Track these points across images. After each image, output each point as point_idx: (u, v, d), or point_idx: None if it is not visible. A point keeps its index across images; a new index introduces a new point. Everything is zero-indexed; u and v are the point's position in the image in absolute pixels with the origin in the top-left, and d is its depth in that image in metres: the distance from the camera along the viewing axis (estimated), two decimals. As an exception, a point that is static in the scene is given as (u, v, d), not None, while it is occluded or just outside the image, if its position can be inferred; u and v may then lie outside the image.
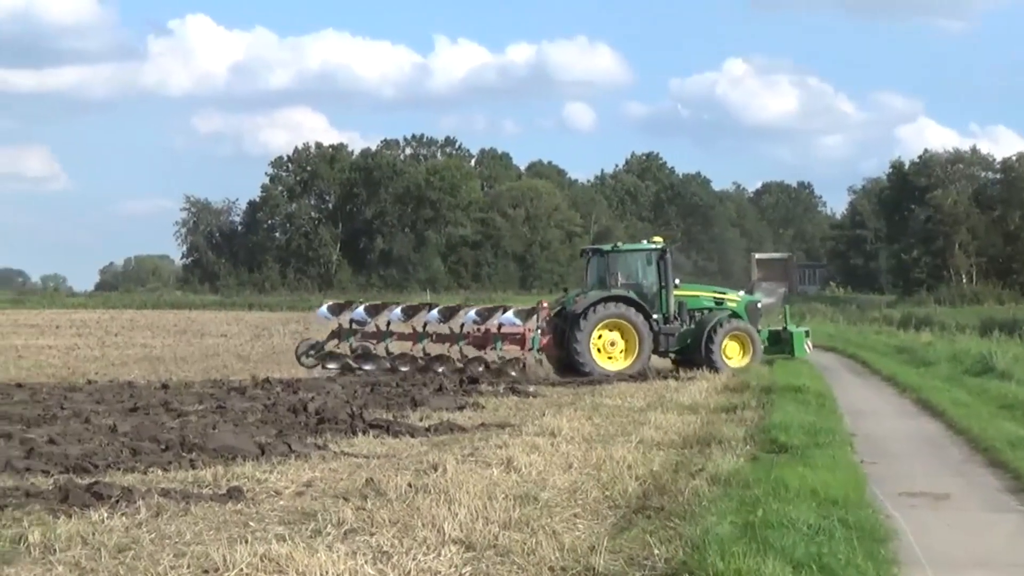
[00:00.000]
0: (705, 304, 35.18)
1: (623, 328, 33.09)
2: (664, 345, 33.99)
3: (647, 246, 35.70)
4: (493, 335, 33.05)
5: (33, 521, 11.66)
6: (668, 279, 34.16)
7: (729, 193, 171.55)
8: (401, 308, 33.95)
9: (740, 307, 35.15)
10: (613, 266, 34.50)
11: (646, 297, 33.90)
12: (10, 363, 36.34)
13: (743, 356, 33.89)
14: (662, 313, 33.91)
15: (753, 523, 11.38)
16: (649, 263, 34.65)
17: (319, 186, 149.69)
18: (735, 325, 34.10)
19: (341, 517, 11.81)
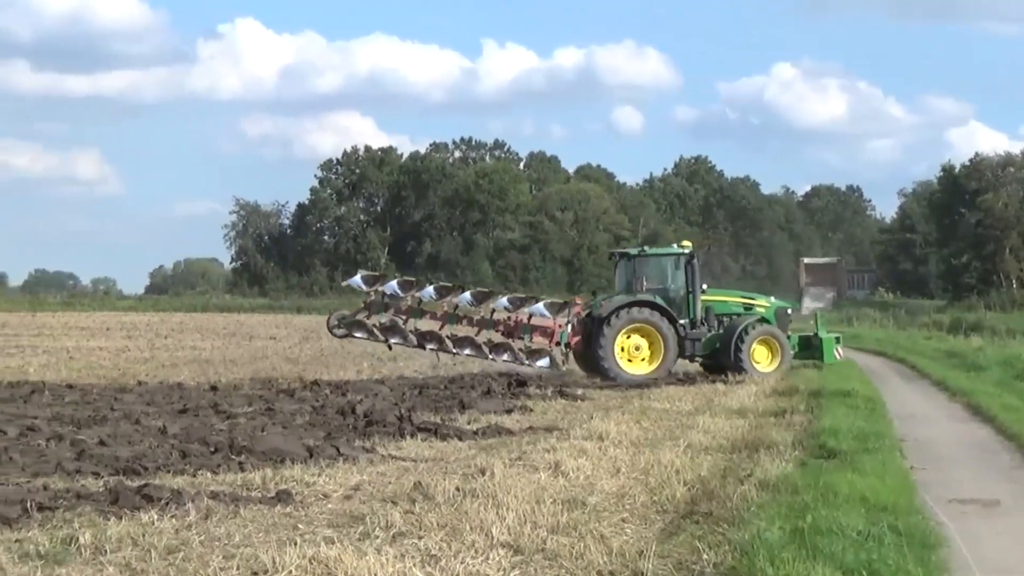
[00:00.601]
0: (734, 309, 35.01)
1: (648, 333, 33.00)
2: (690, 350, 33.88)
3: (674, 250, 35.53)
4: (523, 325, 32.98)
5: (84, 522, 11.73)
6: (695, 284, 34.03)
7: (778, 197, 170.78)
8: (433, 287, 33.71)
9: (769, 312, 34.97)
10: (640, 270, 34.40)
11: (673, 302, 33.77)
12: (61, 364, 36.57)
13: (772, 361, 33.75)
14: (689, 318, 33.75)
15: (802, 529, 11.32)
16: (676, 267, 34.53)
17: (368, 189, 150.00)
18: (764, 330, 33.95)
19: (389, 520, 11.83)
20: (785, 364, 33.72)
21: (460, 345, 32.83)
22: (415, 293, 33.05)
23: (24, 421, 19.81)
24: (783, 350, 33.86)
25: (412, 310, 33.22)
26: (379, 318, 33.16)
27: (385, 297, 33.13)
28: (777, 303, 35.97)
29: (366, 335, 32.98)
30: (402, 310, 33.23)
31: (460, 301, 33.18)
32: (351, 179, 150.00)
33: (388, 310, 33.23)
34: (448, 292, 33.56)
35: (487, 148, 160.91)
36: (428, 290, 33.41)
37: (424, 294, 33.21)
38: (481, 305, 33.02)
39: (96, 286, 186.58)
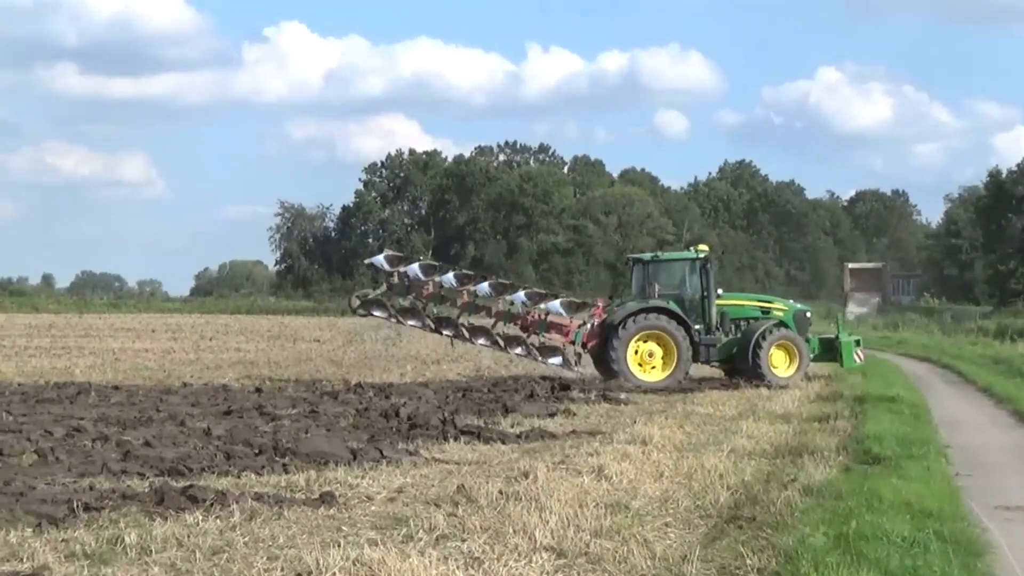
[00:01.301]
0: (751, 313, 34.49)
1: (661, 339, 32.54)
2: (705, 356, 33.46)
3: (689, 255, 35.14)
4: (539, 321, 32.98)
5: (129, 523, 11.79)
6: (710, 288, 33.58)
7: (823, 201, 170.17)
8: (454, 274, 33.52)
9: (788, 316, 34.37)
10: (653, 276, 33.92)
11: (688, 307, 33.38)
12: (107, 366, 36.77)
13: (790, 366, 33.23)
14: (704, 323, 33.35)
15: (847, 534, 11.29)
16: (691, 272, 34.06)
17: (412, 192, 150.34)
18: (781, 334, 33.38)
19: (433, 523, 11.84)
20: (803, 369, 33.30)
21: (475, 334, 32.84)
22: (436, 278, 33.00)
23: (70, 422, 19.93)
24: (801, 355, 33.32)
25: (432, 295, 33.10)
26: (400, 300, 33.14)
27: (407, 280, 33.12)
28: (796, 306, 35.40)
29: (385, 315, 32.95)
30: (423, 295, 33.09)
31: (479, 290, 32.95)
32: (395, 182, 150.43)
33: (410, 293, 33.14)
34: (468, 280, 33.33)
35: (531, 152, 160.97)
36: (448, 276, 33.17)
37: (444, 280, 33.02)
38: (500, 297, 32.92)
39: (142, 288, 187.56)
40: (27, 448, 16.72)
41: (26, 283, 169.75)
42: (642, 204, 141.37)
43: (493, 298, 32.87)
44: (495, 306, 33.06)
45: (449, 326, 32.78)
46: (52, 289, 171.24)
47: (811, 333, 34.94)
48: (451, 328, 32.73)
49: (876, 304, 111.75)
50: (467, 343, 33.54)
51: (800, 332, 33.91)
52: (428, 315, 32.83)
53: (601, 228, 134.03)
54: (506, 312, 33.02)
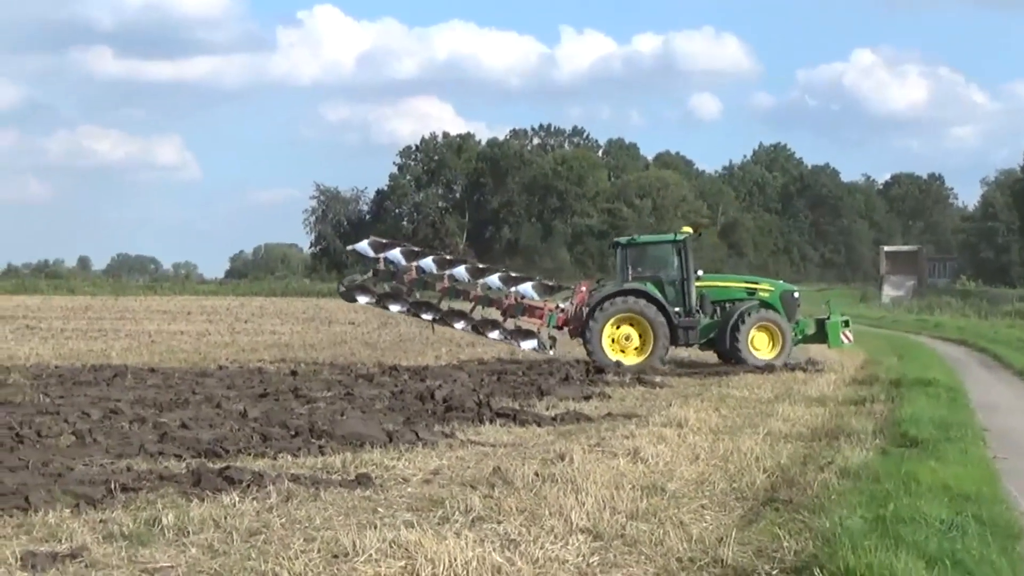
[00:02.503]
0: (736, 295, 33.65)
1: (638, 322, 32.18)
2: (684, 339, 32.76)
3: (666, 237, 34.88)
4: (515, 305, 32.96)
5: (167, 504, 11.84)
6: (688, 270, 32.90)
7: (858, 185, 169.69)
8: (433, 258, 33.54)
9: (774, 297, 33.44)
10: (632, 259, 33.63)
11: (668, 289, 32.87)
12: (143, 348, 36.93)
13: (772, 348, 32.47)
14: (683, 306, 32.81)
15: (884, 517, 11.24)
16: (669, 255, 33.56)
17: (446, 175, 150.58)
18: (762, 315, 32.65)
19: (469, 505, 11.85)
20: (786, 352, 32.42)
21: (454, 319, 33.05)
22: (416, 263, 33.15)
23: (107, 404, 20.02)
24: (784, 336, 32.52)
25: (415, 281, 33.22)
26: (384, 285, 33.42)
27: (392, 266, 33.20)
28: (783, 286, 34.50)
29: (369, 299, 33.33)
30: (406, 280, 33.21)
31: (455, 274, 33.02)
32: (430, 165, 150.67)
33: (395, 279, 33.32)
34: (449, 264, 33.43)
35: (565, 135, 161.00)
36: (428, 261, 33.29)
37: (424, 264, 33.14)
38: (476, 281, 33.00)
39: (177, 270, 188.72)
40: (65, 430, 16.81)
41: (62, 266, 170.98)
42: (676, 187, 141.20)
43: (471, 283, 32.96)
44: (473, 290, 33.09)
45: (430, 311, 33.02)
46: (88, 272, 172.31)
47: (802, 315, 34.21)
48: (431, 312, 32.96)
49: (912, 287, 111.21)
50: (447, 328, 33.83)
51: (788, 313, 33.16)
52: (410, 300, 33.15)
53: (636, 211, 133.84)
54: (484, 296, 33.16)
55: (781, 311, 33.02)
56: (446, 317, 33.01)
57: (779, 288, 34.05)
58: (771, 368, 30.69)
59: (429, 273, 33.09)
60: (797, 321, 33.48)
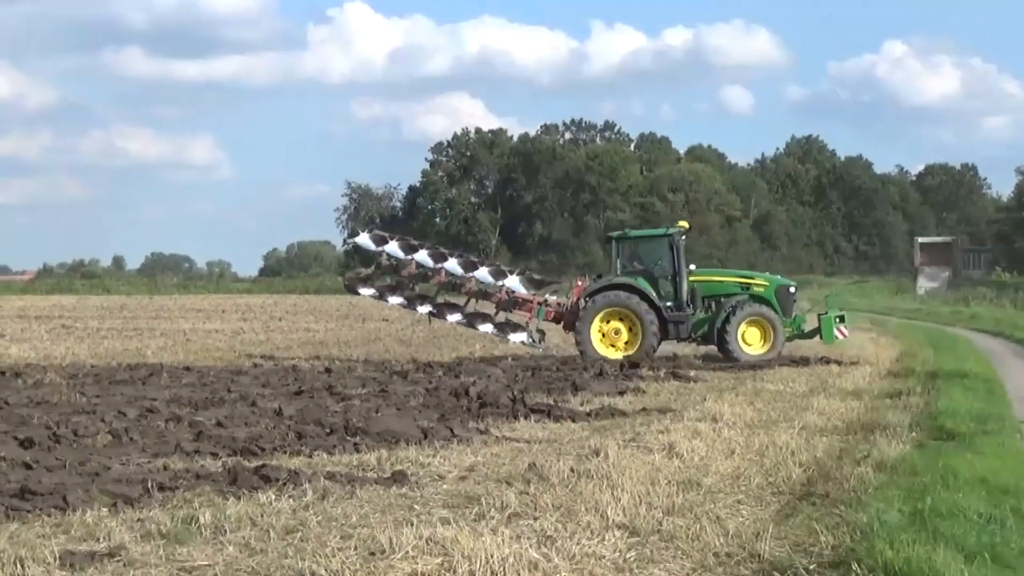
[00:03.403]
0: (729, 289, 33.34)
1: (627, 316, 32.09)
2: (674, 333, 32.55)
3: (657, 231, 34.78)
4: (506, 299, 32.96)
5: (203, 502, 11.88)
6: (679, 264, 32.73)
7: (891, 176, 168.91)
8: (428, 252, 33.67)
9: (768, 291, 33.05)
10: (623, 253, 33.48)
11: (659, 283, 32.70)
12: (178, 347, 37.06)
13: (764, 343, 32.11)
14: (674, 300, 32.61)
15: (921, 511, 11.20)
16: (660, 249, 33.33)
17: (478, 171, 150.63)
18: (752, 310, 32.29)
19: (504, 501, 11.84)
20: (777, 347, 32.03)
21: (449, 312, 33.35)
22: (411, 257, 33.34)
23: (143, 403, 20.10)
24: (776, 331, 32.13)
25: (414, 274, 33.44)
26: (386, 278, 33.73)
27: (392, 260, 33.39)
28: (778, 281, 34.05)
29: (371, 292, 33.65)
30: (405, 274, 33.45)
31: (447, 268, 33.16)
32: (462, 161, 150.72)
33: (396, 272, 33.56)
34: (442, 258, 33.50)
35: (597, 130, 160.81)
36: (422, 254, 33.46)
37: (419, 258, 33.34)
38: (469, 275, 33.09)
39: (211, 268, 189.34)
40: (101, 429, 16.87)
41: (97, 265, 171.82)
42: (709, 181, 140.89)
43: (465, 276, 33.09)
44: (468, 284, 33.22)
45: (426, 304, 33.31)
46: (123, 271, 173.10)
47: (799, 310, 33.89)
48: (427, 305, 33.24)
49: (947, 279, 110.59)
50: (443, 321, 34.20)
51: (783, 308, 32.80)
52: (409, 293, 33.48)
53: (668, 205, 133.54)
54: (477, 290, 33.26)
55: (776, 306, 32.68)
56: (440, 310, 33.29)
57: (774, 283, 33.69)
58: (806, 361, 30.62)
59: (425, 267, 33.31)
60: (794, 317, 33.21)
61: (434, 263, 33.19)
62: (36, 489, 12.11)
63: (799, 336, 33.38)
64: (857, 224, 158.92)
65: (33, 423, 17.63)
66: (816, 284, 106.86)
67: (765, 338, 32.17)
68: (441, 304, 33.47)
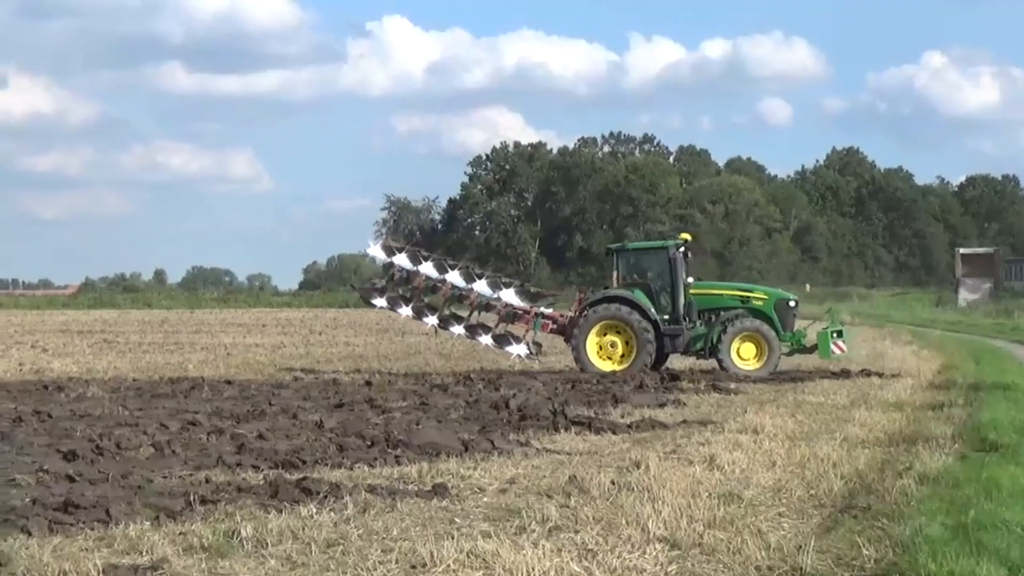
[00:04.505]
0: (728, 303, 32.95)
1: (622, 329, 31.86)
2: (670, 347, 32.28)
3: (655, 244, 34.81)
4: (507, 311, 32.97)
5: (245, 515, 11.88)
6: (676, 277, 32.42)
7: (932, 187, 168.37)
8: (433, 263, 33.72)
9: (767, 305, 32.56)
10: (622, 265, 33.39)
11: (657, 296, 32.48)
12: (219, 361, 37.19)
13: (758, 359, 31.67)
14: (671, 313, 32.29)
15: (965, 524, 11.13)
16: (658, 262, 33.10)
17: (518, 184, 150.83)
18: (745, 325, 31.88)
19: (545, 514, 11.83)
20: (771, 363, 31.56)
21: (453, 324, 33.48)
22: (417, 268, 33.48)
23: (185, 416, 20.17)
24: (770, 346, 31.67)
25: (423, 285, 33.52)
26: (397, 290, 33.87)
27: (404, 271, 33.55)
28: (778, 294, 33.70)
29: (384, 304, 33.94)
30: (415, 285, 33.57)
31: (451, 279, 33.21)
32: (501, 174, 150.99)
33: (408, 283, 33.67)
34: (445, 270, 33.50)
35: (636, 142, 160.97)
36: (428, 264, 33.57)
37: (424, 269, 33.44)
38: (471, 287, 33.10)
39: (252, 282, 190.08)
40: (144, 442, 16.93)
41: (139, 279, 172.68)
42: (749, 193, 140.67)
43: (466, 289, 33.12)
44: (471, 296, 33.24)
45: (433, 315, 33.41)
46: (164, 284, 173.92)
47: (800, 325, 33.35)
48: (433, 317, 33.37)
49: (988, 290, 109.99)
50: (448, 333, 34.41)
51: (783, 322, 32.34)
52: (418, 305, 33.62)
53: (708, 217, 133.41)
54: (479, 302, 33.26)
55: (775, 319, 32.29)
56: (444, 322, 33.39)
57: (774, 296, 33.35)
58: (848, 373, 30.49)
59: (431, 277, 33.40)
60: (794, 331, 32.78)
61: (439, 274, 33.28)
62: (79, 502, 12.16)
63: (800, 351, 32.91)
64: (898, 235, 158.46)
65: (76, 436, 17.73)
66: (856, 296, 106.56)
67: (760, 353, 31.81)
68: (447, 316, 33.56)
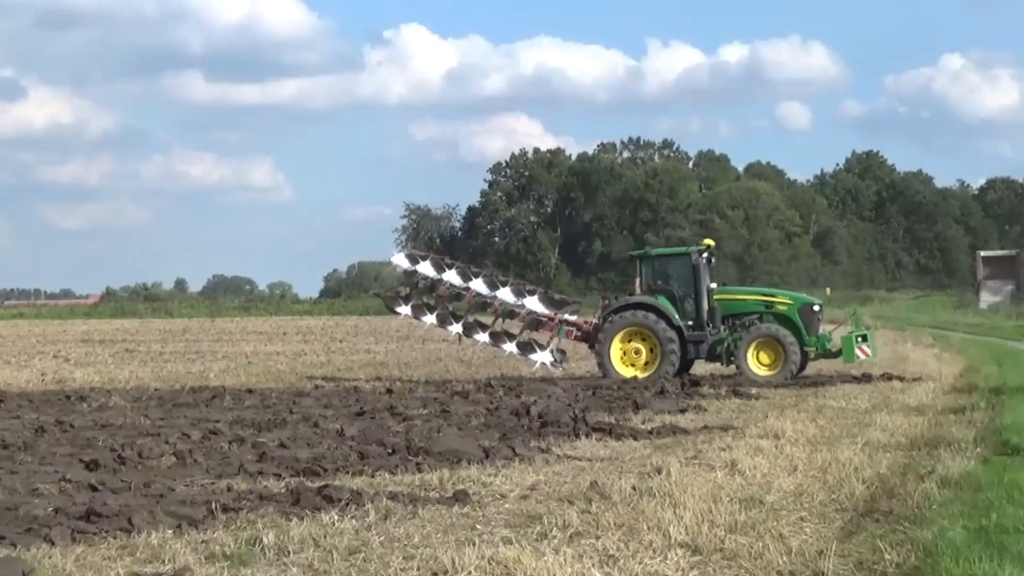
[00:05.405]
0: (752, 308, 32.84)
1: (647, 336, 31.91)
2: (693, 353, 32.33)
3: (677, 250, 34.94)
4: (531, 318, 33.13)
5: (267, 523, 11.89)
6: (699, 283, 32.43)
7: (952, 190, 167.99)
8: (457, 271, 33.93)
9: (791, 310, 32.50)
10: (646, 272, 33.38)
11: (680, 302, 32.46)
12: (240, 369, 37.27)
13: (775, 363, 31.65)
14: (695, 319, 32.30)
15: (987, 528, 11.11)
16: (681, 268, 33.08)
17: (537, 191, 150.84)
18: (762, 330, 31.94)
19: (566, 520, 11.83)
20: (788, 367, 31.50)
21: (477, 330, 33.67)
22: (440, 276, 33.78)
23: (207, 425, 20.25)
24: (786, 352, 31.58)
25: (447, 293, 33.81)
26: (421, 298, 34.17)
27: (427, 279, 33.80)
28: (803, 299, 33.62)
29: (408, 313, 34.15)
30: (441, 293, 33.84)
31: (475, 287, 33.52)
32: (520, 181, 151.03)
33: (432, 292, 33.94)
34: (469, 278, 33.79)
35: (655, 147, 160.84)
36: (451, 272, 33.86)
37: (448, 277, 33.79)
38: (496, 294, 33.33)
39: (272, 290, 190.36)
40: (166, 451, 16.96)
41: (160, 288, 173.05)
42: (768, 197, 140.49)
43: (491, 296, 33.34)
44: (494, 304, 33.41)
45: (457, 323, 33.62)
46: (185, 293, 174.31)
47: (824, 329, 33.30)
48: (458, 324, 33.58)
49: (1010, 292, 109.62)
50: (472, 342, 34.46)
51: (808, 326, 32.21)
52: (442, 312, 33.84)
53: (728, 222, 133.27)
54: (503, 310, 33.42)
55: (799, 324, 32.22)
56: (468, 329, 33.54)
57: (798, 301, 33.27)
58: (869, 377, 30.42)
59: (456, 286, 33.60)
60: (818, 335, 32.62)
61: (463, 282, 33.32)
62: (102, 511, 12.18)
63: (825, 355, 32.86)
64: (918, 238, 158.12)
65: (98, 446, 17.80)
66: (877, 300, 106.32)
67: (777, 358, 31.79)
68: (471, 323, 33.66)
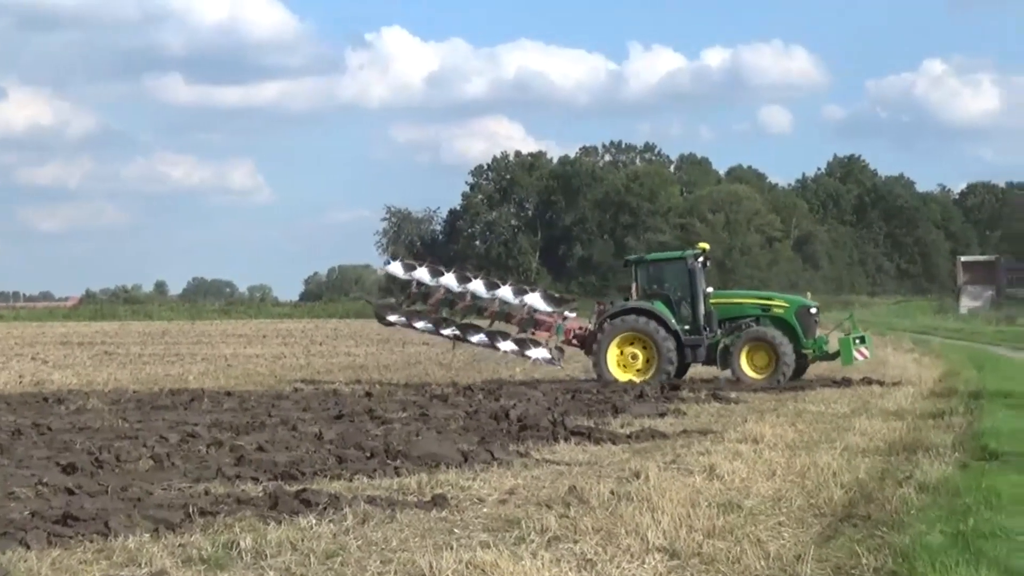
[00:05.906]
0: (748, 312, 32.76)
1: (643, 341, 31.92)
2: (690, 357, 32.30)
3: (673, 255, 34.85)
4: (526, 319, 33.03)
5: (244, 527, 11.86)
6: (695, 288, 32.45)
7: (933, 195, 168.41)
8: (454, 275, 33.83)
9: (788, 313, 32.43)
10: (642, 277, 33.32)
11: (677, 307, 32.45)
12: (220, 372, 37.20)
13: (768, 366, 31.55)
14: (691, 324, 32.27)
15: (964, 533, 11.13)
16: (677, 273, 33.06)
17: (518, 194, 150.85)
18: (754, 333, 31.89)
19: (544, 524, 11.82)
20: (780, 371, 31.33)
21: (472, 332, 33.65)
22: (437, 281, 33.59)
23: (185, 428, 20.19)
24: (779, 354, 31.44)
25: (440, 299, 33.58)
26: (417, 305, 33.99)
27: (420, 286, 33.63)
28: (799, 302, 33.38)
29: (400, 321, 33.89)
30: (432, 302, 33.68)
31: (473, 289, 33.40)
32: (501, 184, 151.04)
33: (426, 299, 33.78)
34: (466, 280, 33.72)
35: (636, 151, 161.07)
36: (448, 277, 33.65)
37: (444, 282, 33.56)
38: (494, 295, 33.25)
39: (252, 293, 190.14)
40: (143, 454, 16.93)
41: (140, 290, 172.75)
42: (749, 201, 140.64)
43: (489, 298, 33.24)
44: (491, 306, 33.35)
45: (450, 327, 33.47)
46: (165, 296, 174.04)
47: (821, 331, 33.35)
48: (452, 328, 33.44)
49: (990, 297, 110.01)
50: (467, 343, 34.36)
51: (805, 329, 32.20)
52: (435, 317, 33.67)
53: (709, 226, 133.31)
54: (500, 311, 33.38)
55: (796, 327, 32.19)
56: (463, 331, 33.47)
57: (795, 304, 33.12)
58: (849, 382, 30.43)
59: (452, 291, 33.49)
60: (815, 338, 32.63)
61: (459, 285, 33.30)
62: (78, 515, 12.14)
63: (822, 358, 32.89)
64: (899, 243, 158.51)
65: (76, 449, 17.74)
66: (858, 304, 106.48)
67: (769, 361, 31.71)
68: (465, 325, 33.64)
